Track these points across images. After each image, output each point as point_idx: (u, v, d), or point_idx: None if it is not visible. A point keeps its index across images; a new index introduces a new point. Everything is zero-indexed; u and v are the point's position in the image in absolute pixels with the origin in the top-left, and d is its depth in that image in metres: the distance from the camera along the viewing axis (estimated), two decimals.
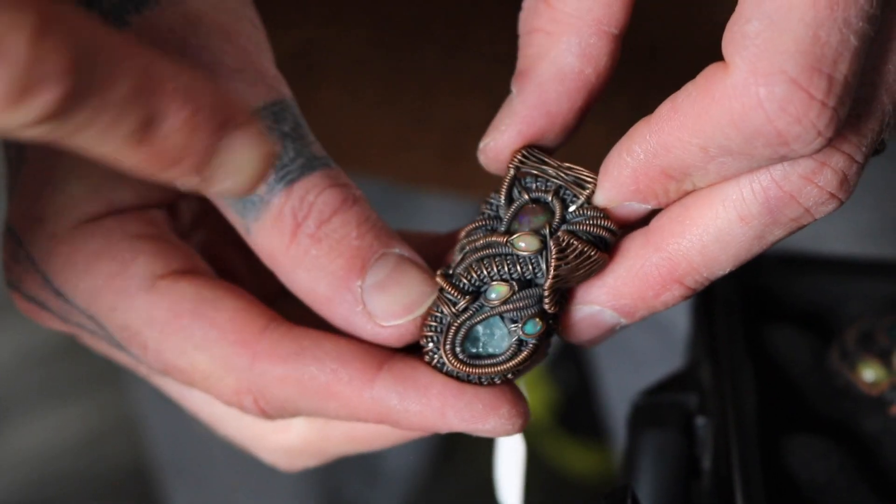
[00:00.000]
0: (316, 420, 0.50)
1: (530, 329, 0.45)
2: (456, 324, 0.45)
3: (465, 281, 0.45)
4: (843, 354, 0.57)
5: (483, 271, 0.45)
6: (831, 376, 0.57)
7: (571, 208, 0.45)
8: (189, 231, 0.50)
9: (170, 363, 0.46)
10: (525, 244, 0.45)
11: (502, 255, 0.45)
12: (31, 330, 1.64)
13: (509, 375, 0.45)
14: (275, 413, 0.46)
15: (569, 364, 1.64)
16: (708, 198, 0.43)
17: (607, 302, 0.45)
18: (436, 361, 0.45)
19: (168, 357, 0.46)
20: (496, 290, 0.45)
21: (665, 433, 0.56)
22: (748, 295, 0.61)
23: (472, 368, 0.45)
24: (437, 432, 0.46)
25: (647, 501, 0.55)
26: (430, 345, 0.45)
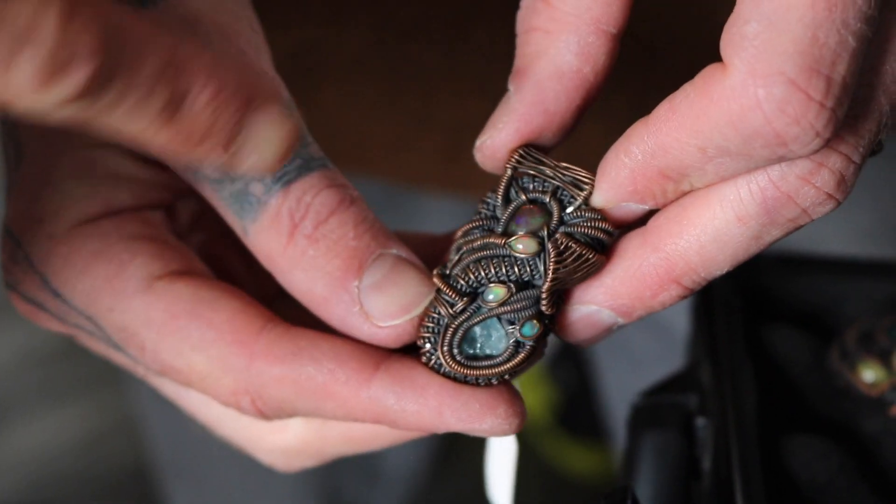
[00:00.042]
0: (313, 420, 0.50)
1: (528, 331, 0.45)
2: (453, 325, 0.45)
3: (463, 282, 0.45)
4: (843, 355, 0.57)
5: (481, 273, 0.45)
6: (831, 377, 0.57)
7: (569, 209, 0.45)
8: (187, 232, 0.50)
9: (167, 364, 0.46)
10: (523, 246, 0.45)
11: (500, 257, 0.45)
12: (31, 331, 1.64)
13: (506, 376, 0.46)
14: (272, 413, 0.46)
15: (569, 364, 1.64)
16: (705, 198, 0.43)
17: (605, 302, 0.45)
18: (433, 362, 0.45)
19: (165, 357, 0.46)
20: (494, 292, 0.45)
21: (665, 434, 0.56)
22: (748, 295, 0.61)
23: (470, 370, 0.45)
24: (435, 432, 0.46)
25: (647, 502, 0.55)
26: (428, 345, 0.45)
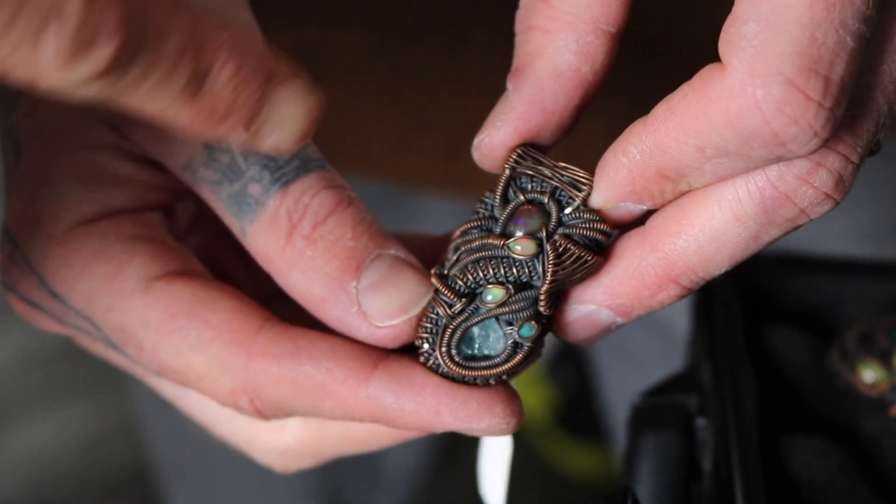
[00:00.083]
0: (311, 420, 0.50)
1: (526, 332, 0.45)
2: (452, 326, 0.45)
3: (461, 283, 0.45)
4: (843, 355, 0.57)
5: (479, 273, 0.45)
6: (831, 377, 0.57)
7: (567, 210, 0.45)
8: (185, 233, 0.50)
9: (165, 364, 0.46)
10: (521, 248, 0.45)
11: (498, 258, 0.45)
12: (31, 332, 1.64)
13: (504, 377, 0.46)
14: (270, 413, 0.46)
15: (569, 364, 1.64)
16: (704, 198, 0.43)
17: (604, 301, 0.45)
18: (431, 362, 0.45)
19: (163, 357, 0.46)
20: (492, 293, 0.45)
21: (665, 434, 0.56)
22: (748, 296, 0.61)
23: (468, 370, 0.45)
24: (432, 432, 0.46)
25: (648, 502, 0.55)
26: (426, 346, 0.45)
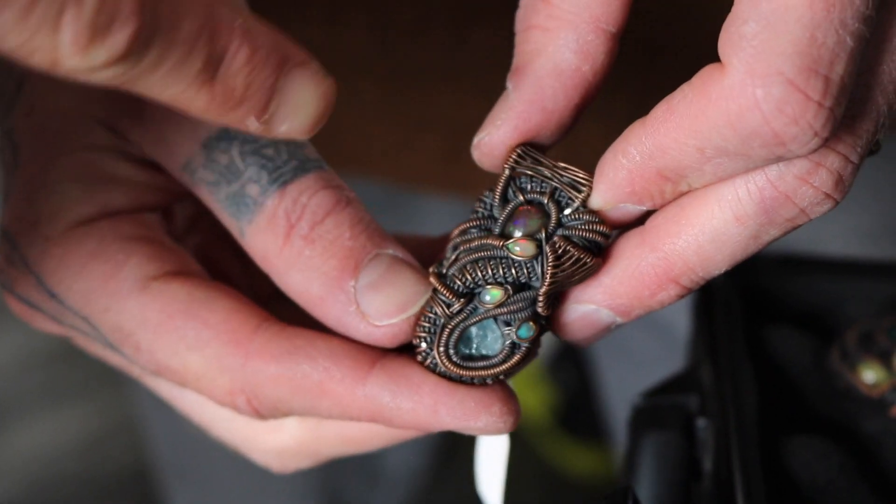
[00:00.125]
0: (308, 420, 0.50)
1: (524, 333, 0.45)
2: (450, 326, 0.45)
3: (460, 283, 0.45)
4: (844, 355, 0.57)
5: (478, 274, 0.45)
6: (832, 377, 0.57)
7: (567, 211, 0.45)
8: (183, 234, 0.50)
9: (162, 364, 0.46)
10: (521, 249, 0.45)
11: (497, 259, 0.45)
12: (32, 332, 1.64)
13: (501, 377, 0.46)
14: (268, 413, 0.46)
15: (569, 365, 1.64)
16: (703, 198, 0.43)
17: (603, 301, 0.45)
18: (429, 362, 0.45)
19: (161, 358, 0.46)
20: (491, 294, 0.45)
21: (666, 434, 0.56)
22: (748, 296, 0.61)
23: (465, 370, 0.45)
24: (430, 431, 0.46)
25: (648, 503, 0.55)
26: (424, 345, 0.45)
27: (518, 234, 0.45)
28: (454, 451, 1.47)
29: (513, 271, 0.45)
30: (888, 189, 0.78)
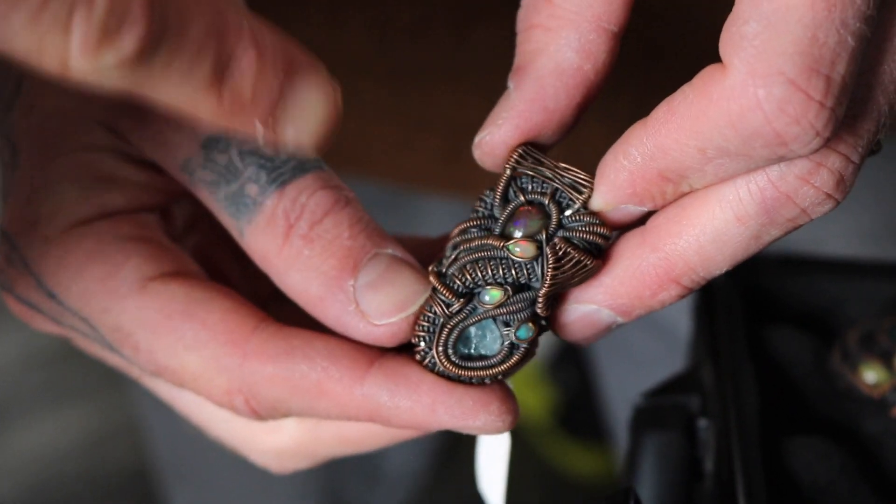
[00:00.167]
0: (307, 421, 0.50)
1: (523, 334, 0.45)
2: (449, 325, 0.45)
3: (459, 283, 0.45)
4: (845, 356, 0.57)
5: (478, 274, 0.45)
6: (833, 378, 0.57)
7: (567, 213, 0.45)
8: (182, 235, 0.50)
9: (161, 364, 0.46)
10: (521, 250, 0.45)
11: (497, 259, 0.45)
12: (33, 333, 1.64)
13: (500, 377, 0.46)
14: (266, 413, 0.46)
15: (569, 365, 1.64)
16: (704, 198, 0.43)
17: (604, 301, 0.45)
18: (427, 361, 0.45)
19: (159, 358, 0.46)
20: (490, 294, 0.45)
21: (667, 435, 0.56)
22: (749, 296, 0.61)
23: (464, 370, 0.45)
24: (428, 430, 0.46)
25: (649, 503, 0.55)
26: (422, 344, 0.45)
27: (518, 235, 0.45)
28: (454, 452, 1.47)
29: (513, 272, 0.45)
30: (889, 189, 0.78)
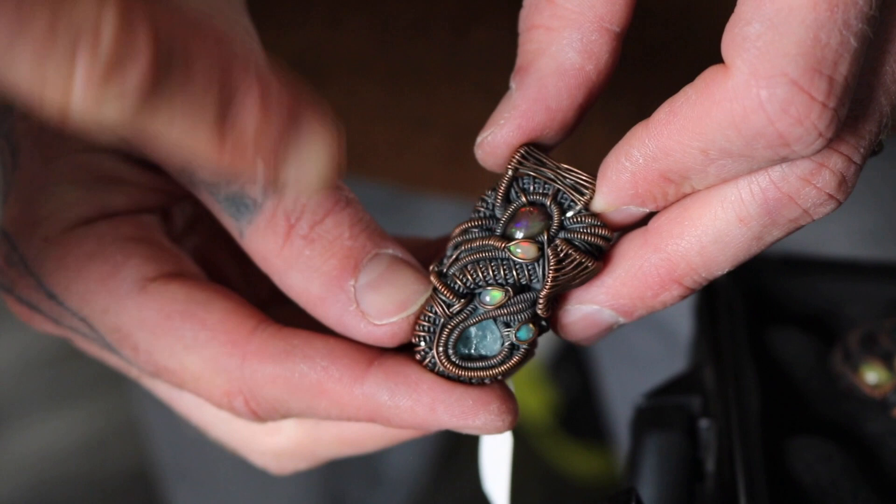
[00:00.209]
0: (306, 422, 0.50)
1: (524, 335, 0.45)
2: (450, 325, 0.45)
3: (460, 283, 0.45)
4: (846, 356, 0.57)
5: (479, 274, 0.45)
6: (834, 378, 0.57)
7: (569, 214, 0.45)
8: (182, 236, 0.50)
9: (160, 364, 0.46)
10: (522, 251, 0.45)
11: (498, 260, 0.45)
12: (35, 334, 1.64)
13: (499, 377, 0.46)
14: (265, 414, 0.46)
15: (571, 366, 1.64)
16: (706, 199, 0.43)
17: (606, 301, 0.45)
18: (427, 361, 0.45)
19: (159, 358, 0.46)
20: (491, 295, 0.45)
21: (668, 435, 0.56)
22: (751, 297, 0.61)
23: (464, 370, 0.45)
24: (428, 430, 0.46)
25: None
26: (423, 344, 0.45)
27: (520, 236, 0.45)
28: (454, 453, 1.47)
29: (514, 273, 0.45)
30: (891, 190, 0.78)
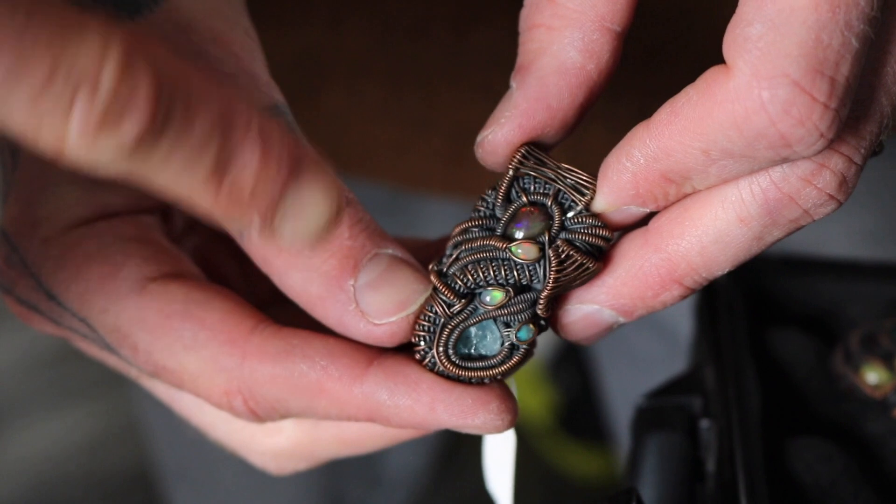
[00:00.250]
0: (305, 422, 0.50)
1: (524, 335, 0.45)
2: (450, 325, 0.45)
3: (461, 283, 0.45)
4: (847, 357, 0.57)
5: (479, 275, 0.45)
6: (835, 379, 0.57)
7: (570, 214, 0.45)
8: (182, 236, 0.50)
9: (159, 364, 0.46)
10: (523, 252, 0.45)
11: (499, 260, 0.45)
12: (35, 334, 1.64)
13: (499, 377, 0.46)
14: (265, 414, 0.46)
15: (571, 367, 1.64)
16: (707, 199, 0.43)
17: (606, 301, 0.45)
18: (427, 361, 0.45)
19: (158, 358, 0.46)
20: (492, 295, 0.45)
21: (669, 436, 0.56)
22: (751, 298, 0.61)
23: (464, 370, 0.45)
24: (427, 429, 0.46)
25: None
26: (422, 344, 0.45)
27: (520, 236, 0.45)
28: (454, 453, 1.47)
29: (514, 273, 0.45)
30: (891, 190, 0.78)
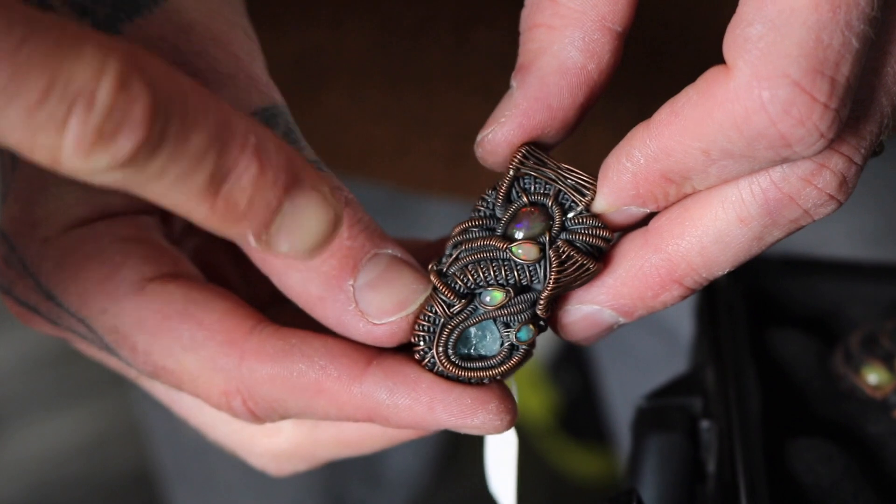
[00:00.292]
0: (305, 423, 0.50)
1: (524, 336, 0.45)
2: (450, 326, 0.45)
3: (461, 283, 0.45)
4: (848, 358, 0.57)
5: (479, 275, 0.45)
6: (835, 379, 0.57)
7: (570, 215, 0.45)
8: (181, 237, 0.50)
9: (158, 365, 0.46)
10: (523, 252, 0.45)
11: (499, 260, 0.45)
12: (35, 335, 1.64)
13: (498, 377, 0.46)
14: (264, 415, 0.46)
15: (571, 368, 1.64)
16: (707, 199, 0.43)
17: (606, 302, 0.45)
18: (427, 361, 0.45)
19: (157, 359, 0.46)
20: (492, 295, 0.45)
21: (669, 437, 0.56)
22: (752, 298, 0.61)
23: (463, 370, 0.45)
24: (426, 430, 0.46)
25: None
26: (422, 344, 0.45)
27: (520, 237, 0.45)
28: (454, 454, 1.48)
29: (515, 274, 0.45)
30: (891, 190, 0.78)
